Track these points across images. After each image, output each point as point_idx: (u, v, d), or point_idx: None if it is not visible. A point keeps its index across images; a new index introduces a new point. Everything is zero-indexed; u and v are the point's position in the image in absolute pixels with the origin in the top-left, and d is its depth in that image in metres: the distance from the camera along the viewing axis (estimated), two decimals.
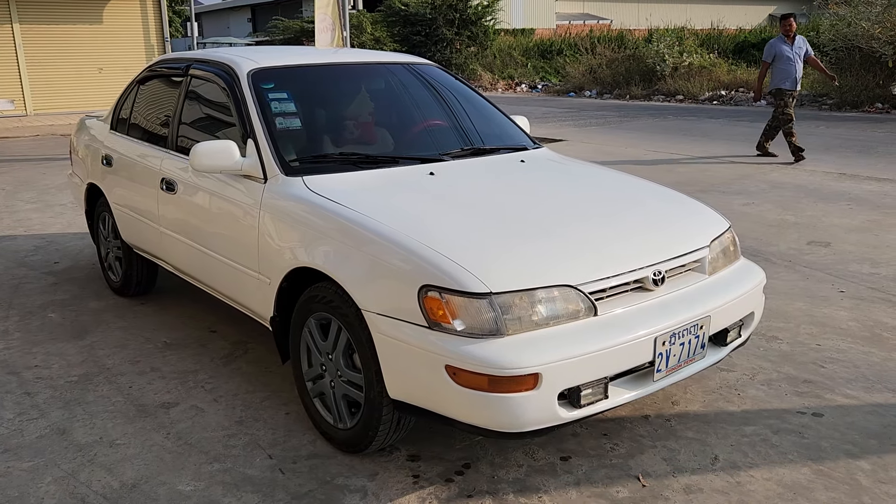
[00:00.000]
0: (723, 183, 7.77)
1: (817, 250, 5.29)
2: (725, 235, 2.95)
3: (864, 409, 3.03)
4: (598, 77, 21.27)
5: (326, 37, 9.29)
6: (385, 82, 3.83)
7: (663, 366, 2.48)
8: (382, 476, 2.59)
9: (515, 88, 24.12)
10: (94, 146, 4.51)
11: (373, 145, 3.46)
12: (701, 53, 19.90)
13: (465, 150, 3.42)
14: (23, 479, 2.61)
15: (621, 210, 2.93)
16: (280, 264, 2.83)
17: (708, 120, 13.88)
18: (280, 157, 3.01)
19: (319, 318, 2.71)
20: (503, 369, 2.16)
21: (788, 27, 8.85)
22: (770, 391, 3.19)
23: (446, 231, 2.51)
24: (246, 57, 3.51)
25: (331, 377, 2.72)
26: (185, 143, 3.60)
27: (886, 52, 14.24)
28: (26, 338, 3.88)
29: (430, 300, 2.28)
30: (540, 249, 2.47)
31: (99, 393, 3.25)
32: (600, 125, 13.41)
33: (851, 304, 4.22)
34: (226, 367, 3.49)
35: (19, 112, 15.26)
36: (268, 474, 2.62)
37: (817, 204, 6.75)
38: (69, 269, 5.09)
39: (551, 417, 2.27)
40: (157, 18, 16.40)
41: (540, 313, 2.30)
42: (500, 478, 2.58)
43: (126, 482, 2.58)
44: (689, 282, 2.69)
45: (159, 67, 4.19)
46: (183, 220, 3.54)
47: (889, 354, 3.54)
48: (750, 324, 2.92)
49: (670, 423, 2.94)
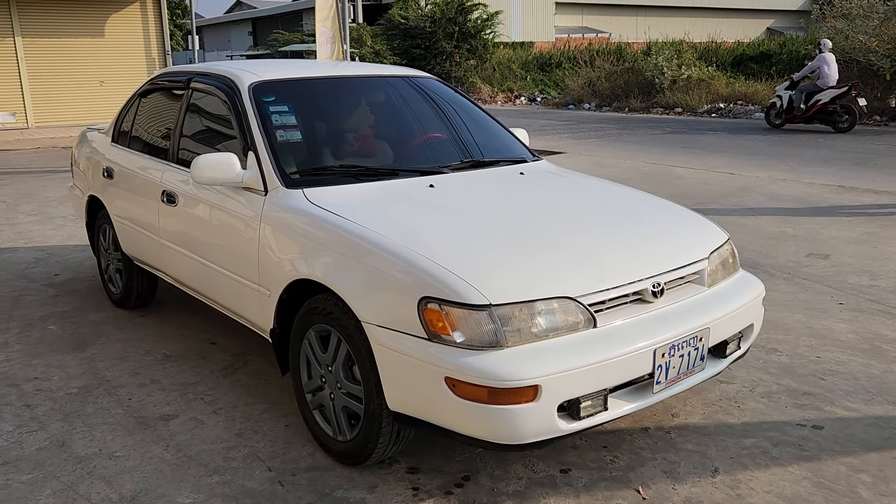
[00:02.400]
0: (722, 195, 7.79)
1: (816, 262, 5.30)
2: (724, 247, 2.96)
3: (865, 422, 3.03)
4: (597, 90, 21.38)
5: (327, 49, 9.34)
6: (385, 95, 3.86)
7: (663, 378, 2.48)
8: (382, 488, 2.59)
9: (515, 101, 24.21)
10: (96, 158, 4.53)
11: (373, 158, 3.47)
12: (699, 66, 20.00)
13: (465, 163, 3.44)
14: (22, 491, 2.60)
15: (620, 222, 2.94)
16: (280, 276, 2.84)
17: (706, 133, 13.93)
18: (281, 169, 3.03)
19: (319, 329, 2.71)
20: (503, 381, 2.17)
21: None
22: (770, 403, 3.19)
23: (446, 243, 2.52)
24: (247, 70, 3.54)
25: (330, 389, 2.72)
26: (186, 155, 3.61)
27: (884, 64, 14.33)
28: (26, 350, 3.88)
29: (429, 312, 2.29)
30: (539, 261, 2.48)
31: (98, 405, 3.25)
32: (599, 138, 13.46)
33: (851, 316, 4.22)
34: (225, 379, 3.49)
35: (21, 124, 15.31)
36: (267, 486, 2.61)
37: (816, 216, 6.77)
38: (69, 281, 5.10)
39: (551, 429, 2.27)
40: (158, 32, 16.49)
41: (539, 325, 2.31)
42: (500, 490, 2.58)
43: (125, 494, 2.57)
44: (689, 294, 2.69)
45: (160, 80, 4.21)
46: (183, 232, 3.55)
47: (889, 366, 3.54)
48: (749, 336, 2.93)
49: (670, 436, 2.93)
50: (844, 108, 12.85)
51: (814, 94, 13.00)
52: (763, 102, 17.91)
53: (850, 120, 12.90)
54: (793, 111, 13.38)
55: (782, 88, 13.69)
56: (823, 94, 12.87)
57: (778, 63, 21.01)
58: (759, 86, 18.75)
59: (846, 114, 12.89)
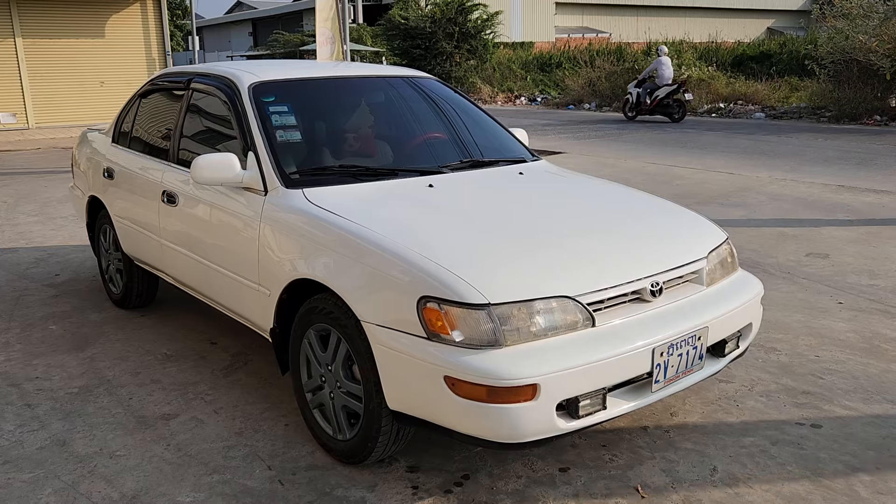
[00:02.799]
0: (721, 195, 7.79)
1: (816, 262, 5.31)
2: (723, 247, 2.97)
3: (863, 421, 3.03)
4: (598, 90, 21.39)
5: (326, 50, 9.36)
6: (385, 95, 3.86)
7: (661, 377, 2.49)
8: (381, 487, 2.59)
9: (515, 101, 24.22)
10: (96, 159, 4.54)
11: (372, 158, 3.48)
12: (699, 66, 20.02)
13: (464, 163, 3.44)
14: (23, 490, 2.61)
15: (619, 222, 2.95)
16: (280, 276, 2.85)
17: (706, 132, 13.94)
18: (280, 169, 3.03)
19: (319, 329, 2.72)
20: (501, 380, 2.17)
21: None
22: (769, 402, 3.19)
23: (445, 243, 2.53)
24: (247, 70, 3.55)
25: (330, 388, 2.73)
26: (186, 155, 3.62)
27: (884, 64, 14.33)
28: (27, 349, 3.89)
29: (428, 311, 2.29)
30: (538, 261, 2.48)
31: (99, 404, 3.26)
32: (599, 138, 13.47)
33: (850, 315, 4.23)
34: (226, 379, 3.50)
35: (21, 125, 15.33)
36: (267, 485, 2.62)
37: (816, 216, 6.77)
38: (70, 281, 5.11)
39: (550, 428, 2.28)
40: (158, 32, 16.51)
41: (538, 324, 2.31)
42: (499, 489, 2.58)
43: (126, 493, 2.58)
44: (687, 293, 2.70)
45: (161, 81, 4.22)
46: (184, 232, 3.56)
47: (887, 366, 3.55)
48: (748, 335, 2.93)
49: (669, 435, 2.94)
50: (676, 102, 15.58)
51: (654, 91, 15.70)
52: (764, 102, 17.95)
53: (681, 112, 15.65)
54: (640, 105, 15.98)
55: (632, 86, 16.30)
56: (660, 91, 15.57)
57: (778, 63, 21.03)
58: (760, 86, 18.78)
59: (678, 107, 15.61)
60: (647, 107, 15.82)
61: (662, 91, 15.58)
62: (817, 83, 16.44)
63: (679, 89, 15.44)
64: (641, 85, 16.03)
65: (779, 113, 16.85)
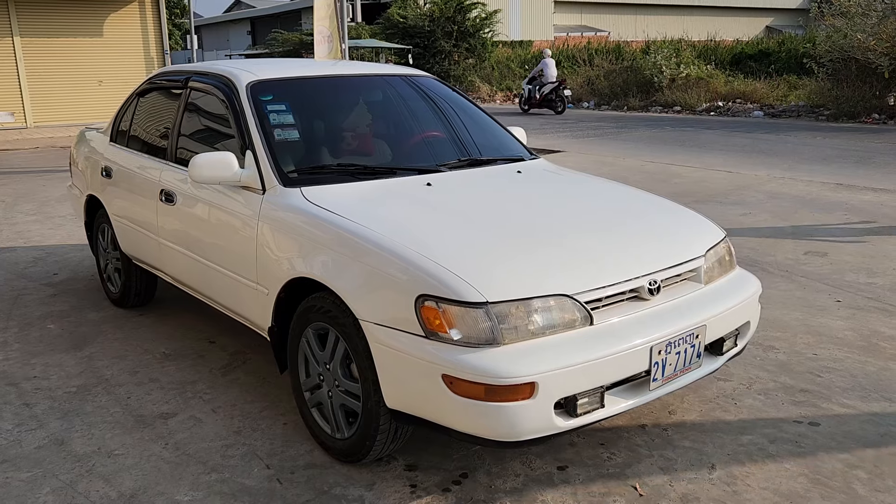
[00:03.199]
0: (720, 193, 7.80)
1: (814, 260, 5.31)
2: (721, 245, 2.97)
3: (861, 419, 3.04)
4: (596, 88, 21.39)
5: (324, 48, 9.35)
6: (383, 94, 3.86)
7: (659, 375, 2.49)
8: (380, 486, 2.60)
9: (514, 100, 24.20)
10: (94, 158, 4.54)
11: (370, 156, 3.48)
12: (698, 65, 20.00)
13: (462, 161, 3.44)
14: (21, 489, 2.61)
15: (617, 220, 2.95)
16: (278, 275, 2.85)
17: (705, 131, 13.94)
18: (278, 168, 3.03)
19: (317, 328, 2.72)
20: (499, 378, 2.17)
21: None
22: (767, 400, 3.20)
23: (443, 241, 2.53)
24: (245, 69, 3.54)
25: (328, 387, 2.73)
26: (184, 154, 3.62)
27: (882, 63, 14.33)
28: (25, 349, 3.89)
29: (426, 310, 2.29)
30: (536, 259, 2.48)
31: (97, 404, 3.26)
32: (598, 136, 13.47)
33: (848, 313, 4.23)
34: (224, 378, 3.50)
35: (19, 124, 15.32)
36: (265, 484, 2.62)
37: (814, 214, 6.78)
38: (68, 280, 5.11)
39: (548, 426, 2.28)
40: (156, 31, 16.50)
41: (536, 322, 2.31)
42: (498, 487, 2.59)
43: (124, 492, 2.58)
44: (685, 291, 2.70)
45: (159, 80, 4.22)
46: (182, 231, 3.56)
47: (885, 364, 3.55)
48: (746, 333, 2.93)
49: (667, 433, 2.94)
50: (559, 97, 17.98)
51: (541, 87, 18.17)
52: (762, 101, 17.96)
53: (562, 105, 18.05)
54: (531, 99, 18.39)
55: (525, 83, 18.86)
56: (545, 88, 18.13)
57: (777, 61, 21.02)
58: (758, 84, 18.76)
59: (560, 101, 17.99)
60: (536, 101, 18.25)
61: (547, 87, 18.08)
62: (816, 82, 16.43)
63: (560, 86, 17.89)
64: (532, 82, 18.53)
65: (777, 111, 16.85)
